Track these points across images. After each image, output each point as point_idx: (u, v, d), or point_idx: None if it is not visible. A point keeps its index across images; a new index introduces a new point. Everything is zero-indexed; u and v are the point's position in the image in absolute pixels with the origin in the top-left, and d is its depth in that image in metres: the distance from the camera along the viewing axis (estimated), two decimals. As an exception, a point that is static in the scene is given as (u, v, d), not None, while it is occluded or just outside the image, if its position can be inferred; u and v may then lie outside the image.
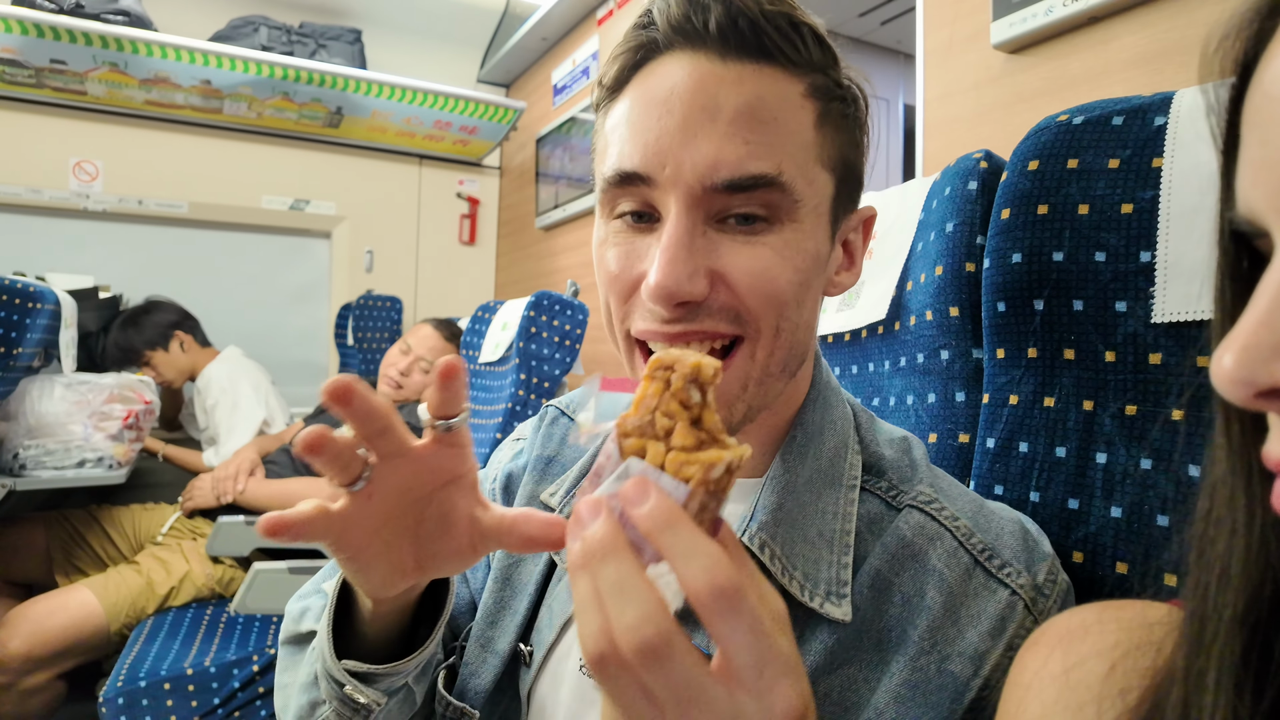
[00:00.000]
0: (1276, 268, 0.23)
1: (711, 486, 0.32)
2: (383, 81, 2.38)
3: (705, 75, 0.42)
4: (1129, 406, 0.54)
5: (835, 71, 0.46)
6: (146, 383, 1.85)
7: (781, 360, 0.46)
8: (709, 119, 0.42)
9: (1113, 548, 0.53)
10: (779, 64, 0.43)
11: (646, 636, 0.28)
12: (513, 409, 1.66)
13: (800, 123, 0.44)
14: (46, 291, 1.54)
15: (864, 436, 0.54)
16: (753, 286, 0.43)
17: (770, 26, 0.42)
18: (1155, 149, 0.54)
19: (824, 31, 0.45)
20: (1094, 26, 0.94)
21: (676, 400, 0.34)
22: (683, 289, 0.42)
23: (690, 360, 0.34)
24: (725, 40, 0.42)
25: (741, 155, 0.41)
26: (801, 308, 0.45)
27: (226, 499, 1.87)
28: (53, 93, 2.21)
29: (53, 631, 1.53)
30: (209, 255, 2.61)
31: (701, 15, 0.42)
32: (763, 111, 0.42)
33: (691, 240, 0.42)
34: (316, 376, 2.83)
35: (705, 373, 0.34)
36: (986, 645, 0.45)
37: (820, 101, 0.45)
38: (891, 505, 0.51)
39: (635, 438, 0.34)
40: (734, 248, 0.43)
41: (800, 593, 0.46)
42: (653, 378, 0.34)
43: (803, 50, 0.44)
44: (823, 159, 0.45)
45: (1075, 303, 0.57)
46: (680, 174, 0.42)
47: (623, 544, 0.31)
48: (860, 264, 0.52)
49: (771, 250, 0.43)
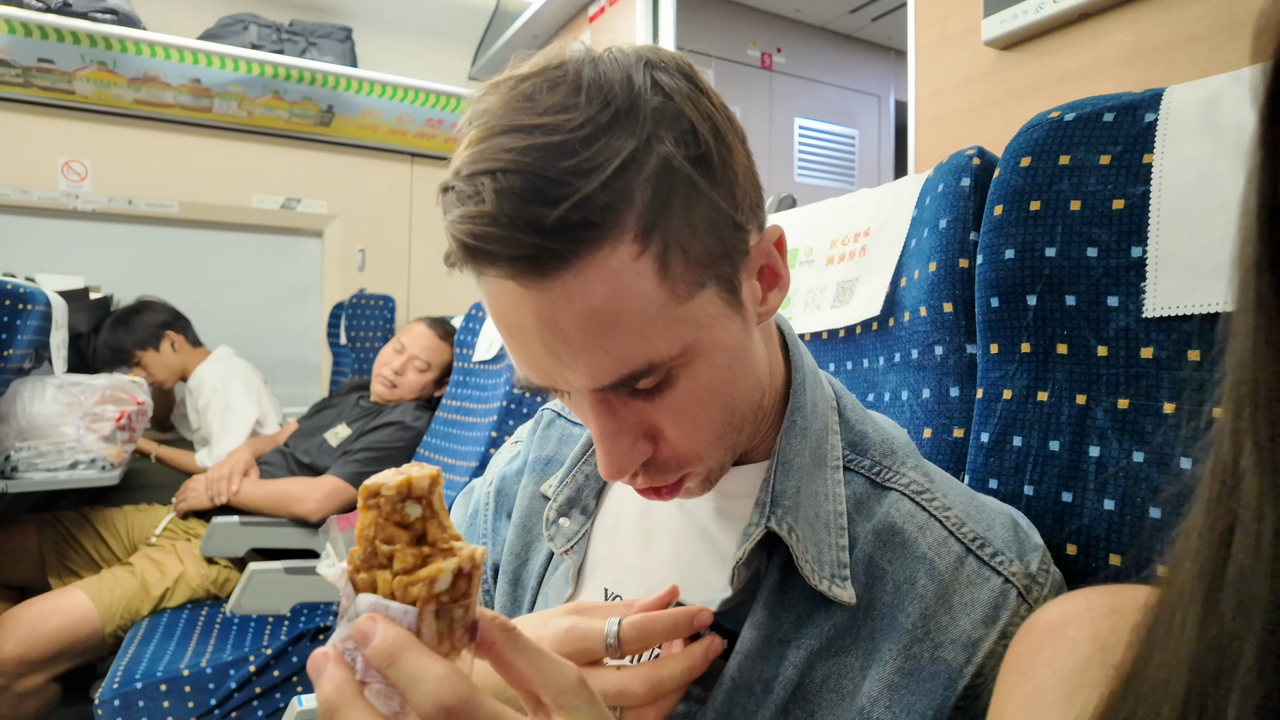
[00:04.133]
0: None
1: (445, 598, 0.32)
2: (374, 80, 2.38)
3: (536, 303, 0.39)
4: (1121, 400, 0.55)
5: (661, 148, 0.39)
6: (139, 383, 1.84)
7: (730, 446, 0.48)
8: (564, 344, 0.40)
9: (1106, 540, 0.54)
10: (592, 251, 0.38)
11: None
12: (507, 407, 1.66)
13: (643, 295, 0.39)
14: (37, 293, 1.53)
15: (846, 416, 0.54)
16: (688, 434, 0.45)
17: (560, 239, 0.37)
18: (1146, 145, 0.54)
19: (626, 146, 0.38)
20: (1084, 23, 0.94)
21: (392, 523, 0.33)
22: (630, 467, 0.44)
23: (395, 481, 0.33)
24: (524, 274, 0.38)
25: (609, 364, 0.40)
26: (736, 398, 0.46)
27: (221, 499, 1.86)
28: (40, 92, 2.19)
29: (47, 634, 1.52)
30: (200, 255, 2.60)
31: (485, 261, 0.38)
32: (603, 319, 0.39)
33: (616, 420, 0.43)
34: (309, 376, 2.82)
35: (419, 486, 0.33)
36: (980, 633, 0.45)
37: (655, 237, 0.39)
38: (876, 483, 0.51)
39: (364, 572, 0.33)
40: (654, 406, 0.44)
41: (812, 575, 0.46)
42: (367, 507, 0.33)
43: (609, 215, 0.37)
44: (684, 294, 0.41)
45: (1068, 298, 0.57)
46: (572, 385, 0.42)
47: (348, 696, 0.31)
48: (787, 274, 0.48)
49: (686, 394, 0.43)
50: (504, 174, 0.36)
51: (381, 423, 1.98)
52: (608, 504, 0.58)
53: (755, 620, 0.47)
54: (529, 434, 0.67)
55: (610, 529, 0.57)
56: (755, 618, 0.47)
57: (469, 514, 0.67)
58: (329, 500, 1.84)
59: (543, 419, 0.67)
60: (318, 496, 1.83)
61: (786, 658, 0.47)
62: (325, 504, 1.83)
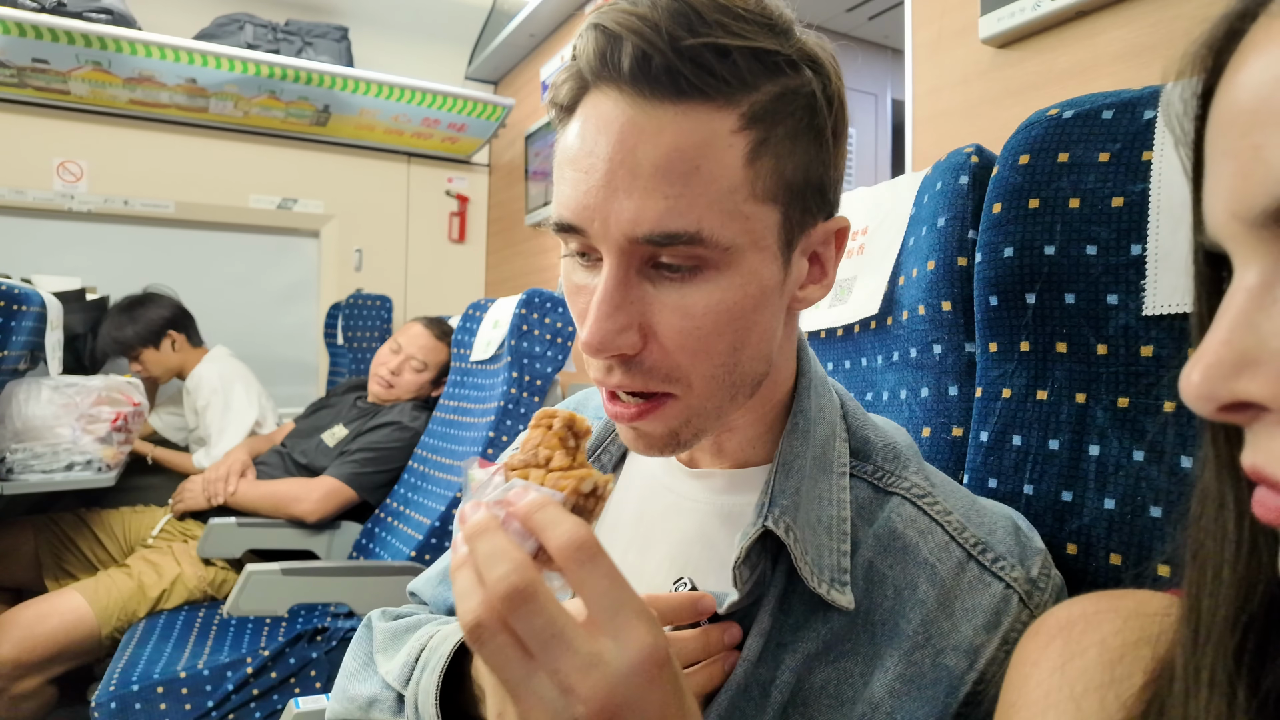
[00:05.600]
0: (1235, 289, 0.24)
1: (580, 501, 0.40)
2: (370, 79, 2.37)
3: (625, 125, 0.41)
4: (1121, 399, 0.54)
5: (793, 80, 0.42)
6: (135, 384, 1.83)
7: (718, 402, 0.46)
8: (630, 175, 0.40)
9: (1106, 539, 0.54)
10: (703, 100, 0.40)
11: (514, 582, 0.33)
12: (505, 407, 1.66)
13: (726, 165, 0.41)
14: (32, 294, 1.52)
15: (850, 423, 0.54)
16: (682, 344, 0.43)
17: (688, 64, 0.39)
18: (1145, 142, 0.54)
19: (770, 45, 0.41)
20: (1081, 20, 0.94)
21: (556, 438, 0.42)
22: (611, 345, 0.42)
23: (565, 412, 0.43)
24: (639, 83, 0.40)
25: (660, 211, 0.40)
26: (743, 346, 0.45)
27: (218, 500, 1.85)
28: (35, 92, 2.18)
29: (43, 636, 1.52)
30: (197, 255, 2.59)
31: (615, 54, 0.40)
32: (681, 163, 0.40)
33: (624, 293, 0.42)
34: (306, 376, 2.81)
35: (579, 425, 0.43)
36: (981, 639, 0.45)
37: (757, 129, 0.41)
38: (879, 488, 0.51)
39: (519, 471, 0.41)
40: (665, 298, 0.43)
41: (811, 579, 0.46)
42: (537, 425, 0.43)
43: (733, 79, 0.40)
44: (760, 193, 0.42)
45: (1067, 296, 0.57)
46: (608, 229, 0.41)
47: (497, 525, 0.36)
48: (833, 275, 0.50)
49: (704, 297, 0.42)
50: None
51: (379, 423, 1.97)
52: (605, 509, 0.58)
53: (760, 626, 0.47)
54: None
55: (607, 534, 0.57)
56: (760, 624, 0.47)
57: None
58: (326, 501, 1.83)
59: None
60: (315, 497, 1.82)
61: (784, 661, 0.46)
62: (322, 505, 1.83)
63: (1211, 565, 0.28)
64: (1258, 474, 0.24)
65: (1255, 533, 0.27)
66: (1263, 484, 0.24)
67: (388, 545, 1.77)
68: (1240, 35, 0.25)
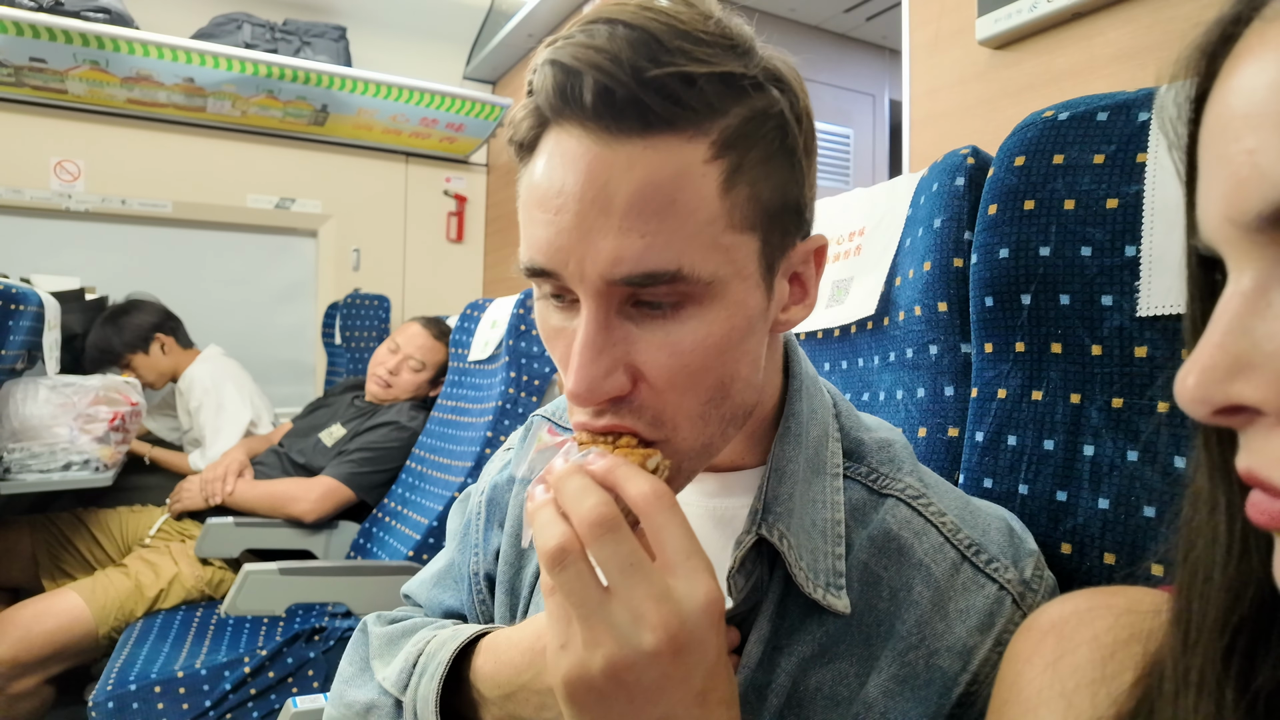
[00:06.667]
0: (1230, 293, 0.25)
1: None
2: (368, 79, 2.37)
3: (593, 161, 0.39)
4: (1115, 399, 0.55)
5: (760, 100, 0.41)
6: (132, 384, 1.83)
7: (708, 439, 0.45)
8: (602, 214, 0.38)
9: (1100, 539, 0.54)
10: (672, 131, 0.38)
11: (603, 512, 0.36)
12: (502, 407, 1.66)
13: (702, 196, 0.39)
14: (29, 293, 1.52)
15: (843, 424, 0.53)
16: (673, 382, 0.41)
17: (654, 96, 0.37)
18: (1140, 144, 0.54)
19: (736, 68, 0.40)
20: (1077, 22, 0.94)
21: None
22: (600, 391, 0.41)
23: None
24: (604, 118, 0.38)
25: (639, 251, 0.38)
26: (734, 379, 0.44)
27: (215, 500, 1.85)
28: (32, 91, 2.18)
29: (40, 636, 1.52)
30: (194, 255, 2.59)
31: (576, 89, 0.38)
32: (656, 198, 0.38)
33: (606, 336, 0.41)
34: (303, 376, 2.81)
35: None
36: (975, 640, 0.45)
37: (730, 156, 0.40)
38: (873, 490, 0.51)
39: (588, 445, 0.43)
40: (651, 337, 0.41)
41: (806, 584, 0.46)
42: None
43: (701, 107, 0.39)
44: (738, 223, 0.41)
45: (1062, 297, 0.57)
46: (583, 271, 0.40)
47: (584, 471, 0.38)
48: (814, 295, 0.48)
49: (690, 333, 0.41)
50: (624, 25, 0.38)
51: (377, 423, 1.97)
52: None
53: (760, 632, 0.47)
54: (519, 442, 0.66)
55: None
56: (760, 630, 0.47)
57: (463, 524, 0.67)
58: (324, 501, 1.83)
59: (532, 426, 0.67)
60: (313, 497, 1.82)
61: (780, 665, 0.46)
62: (320, 504, 1.83)
63: (1202, 567, 0.29)
64: (1252, 477, 0.25)
65: (1246, 535, 0.28)
66: (1257, 487, 0.24)
67: (385, 545, 1.78)
68: (1234, 40, 0.26)
